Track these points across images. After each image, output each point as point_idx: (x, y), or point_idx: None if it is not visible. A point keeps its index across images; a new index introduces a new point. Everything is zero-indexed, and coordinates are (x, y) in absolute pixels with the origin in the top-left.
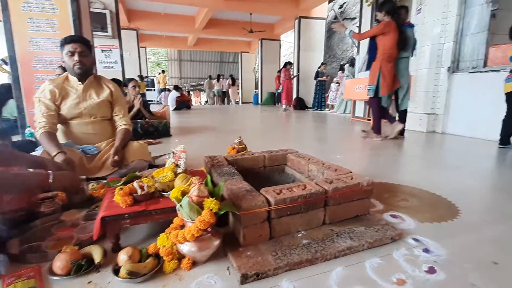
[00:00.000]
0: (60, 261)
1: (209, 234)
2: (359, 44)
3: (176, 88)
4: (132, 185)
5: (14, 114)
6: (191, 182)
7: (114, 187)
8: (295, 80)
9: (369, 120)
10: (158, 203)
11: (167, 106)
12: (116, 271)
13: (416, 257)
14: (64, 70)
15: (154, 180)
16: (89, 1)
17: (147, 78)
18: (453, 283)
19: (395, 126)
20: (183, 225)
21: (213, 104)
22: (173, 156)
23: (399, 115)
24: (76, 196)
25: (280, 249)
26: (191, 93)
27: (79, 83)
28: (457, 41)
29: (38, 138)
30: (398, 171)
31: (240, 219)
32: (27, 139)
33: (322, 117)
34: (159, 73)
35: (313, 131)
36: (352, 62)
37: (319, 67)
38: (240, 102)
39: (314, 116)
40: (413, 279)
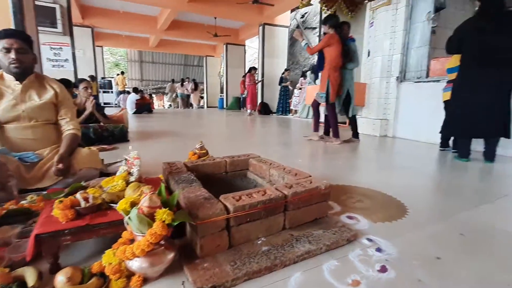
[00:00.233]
0: None
1: (162, 247)
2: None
3: (136, 90)
4: (75, 197)
5: None
6: (142, 192)
7: (54, 199)
8: (259, 85)
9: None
10: (105, 216)
11: (125, 110)
12: None
13: (370, 257)
14: None
15: (102, 190)
16: None
17: (104, 79)
18: (402, 281)
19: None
20: (133, 239)
21: (177, 108)
22: (125, 163)
23: (349, 121)
24: (1, 193)
25: (239, 258)
26: (153, 96)
27: (16, 82)
28: (404, 53)
29: None
30: (354, 173)
31: (197, 229)
32: None
33: (286, 121)
34: (118, 74)
35: (277, 135)
36: (313, 69)
37: (283, 73)
38: (205, 106)
39: (278, 120)
40: (367, 279)
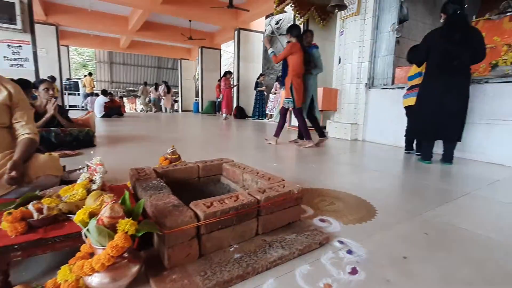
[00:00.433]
0: None
1: (125, 260)
2: None
3: (105, 92)
4: (26, 208)
5: None
6: (103, 201)
7: (3, 211)
8: (235, 89)
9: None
10: (62, 228)
11: (92, 113)
12: None
13: (341, 259)
14: None
15: (60, 199)
16: None
17: (69, 80)
18: (372, 282)
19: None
20: (93, 253)
21: (149, 111)
22: (87, 170)
23: (311, 122)
24: None
25: (210, 268)
26: (124, 99)
27: None
28: (372, 61)
29: None
30: (327, 176)
31: (165, 239)
32: None
33: (261, 126)
34: (85, 75)
35: (252, 140)
36: (278, 78)
37: (258, 78)
38: (180, 110)
39: (253, 125)
40: (338, 282)
